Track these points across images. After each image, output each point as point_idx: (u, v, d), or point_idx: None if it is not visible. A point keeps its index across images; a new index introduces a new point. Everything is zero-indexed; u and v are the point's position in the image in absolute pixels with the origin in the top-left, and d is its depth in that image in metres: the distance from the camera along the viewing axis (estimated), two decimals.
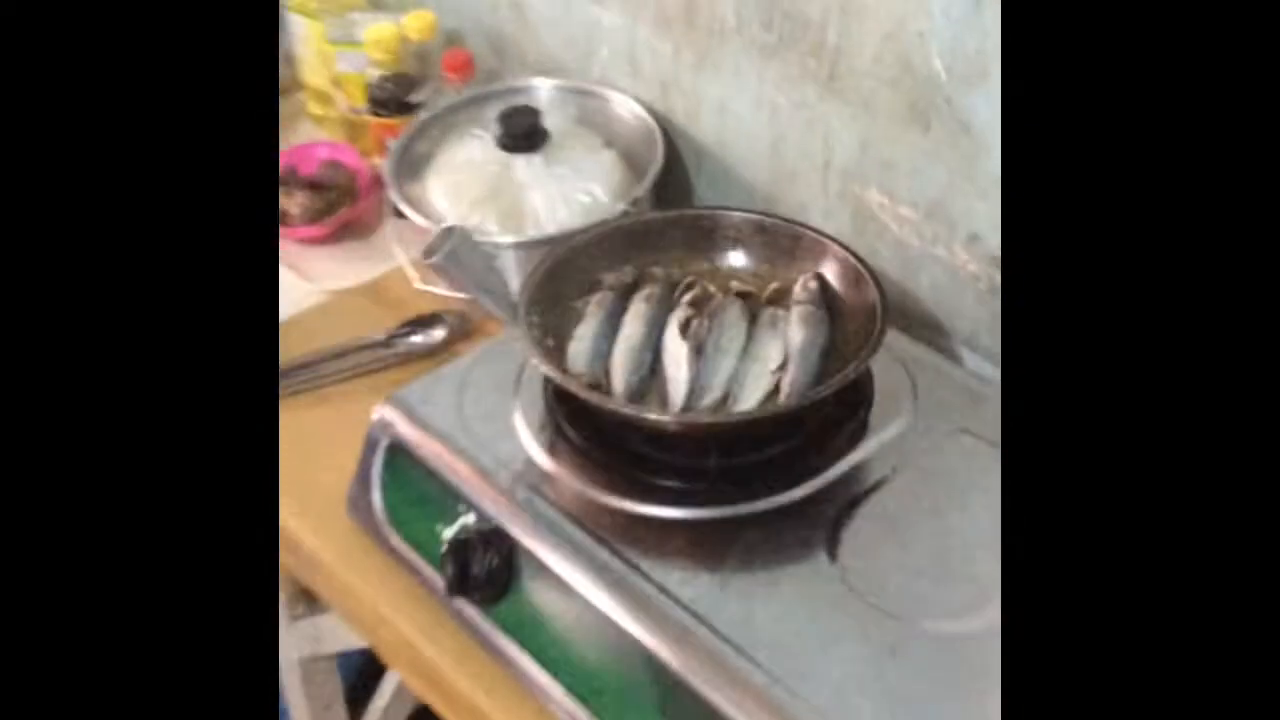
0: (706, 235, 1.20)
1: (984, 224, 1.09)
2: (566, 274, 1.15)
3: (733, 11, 1.24)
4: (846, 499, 0.99)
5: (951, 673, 0.84)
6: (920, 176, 1.13)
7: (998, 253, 1.11)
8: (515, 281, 1.12)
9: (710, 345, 1.08)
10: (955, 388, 1.11)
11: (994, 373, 1.14)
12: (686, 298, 1.14)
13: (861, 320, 1.09)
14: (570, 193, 1.30)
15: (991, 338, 1.18)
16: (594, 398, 0.98)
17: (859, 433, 1.05)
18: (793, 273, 1.16)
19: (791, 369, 1.06)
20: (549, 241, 1.16)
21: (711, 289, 1.17)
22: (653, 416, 0.97)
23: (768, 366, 1.06)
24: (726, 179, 1.34)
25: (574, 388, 0.99)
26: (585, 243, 1.17)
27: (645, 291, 1.14)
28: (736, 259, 1.19)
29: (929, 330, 1.19)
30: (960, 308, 1.16)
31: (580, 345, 1.09)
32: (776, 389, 1.05)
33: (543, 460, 1.04)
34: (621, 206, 1.26)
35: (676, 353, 1.07)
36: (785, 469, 1.01)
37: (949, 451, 1.03)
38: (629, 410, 0.97)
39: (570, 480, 1.02)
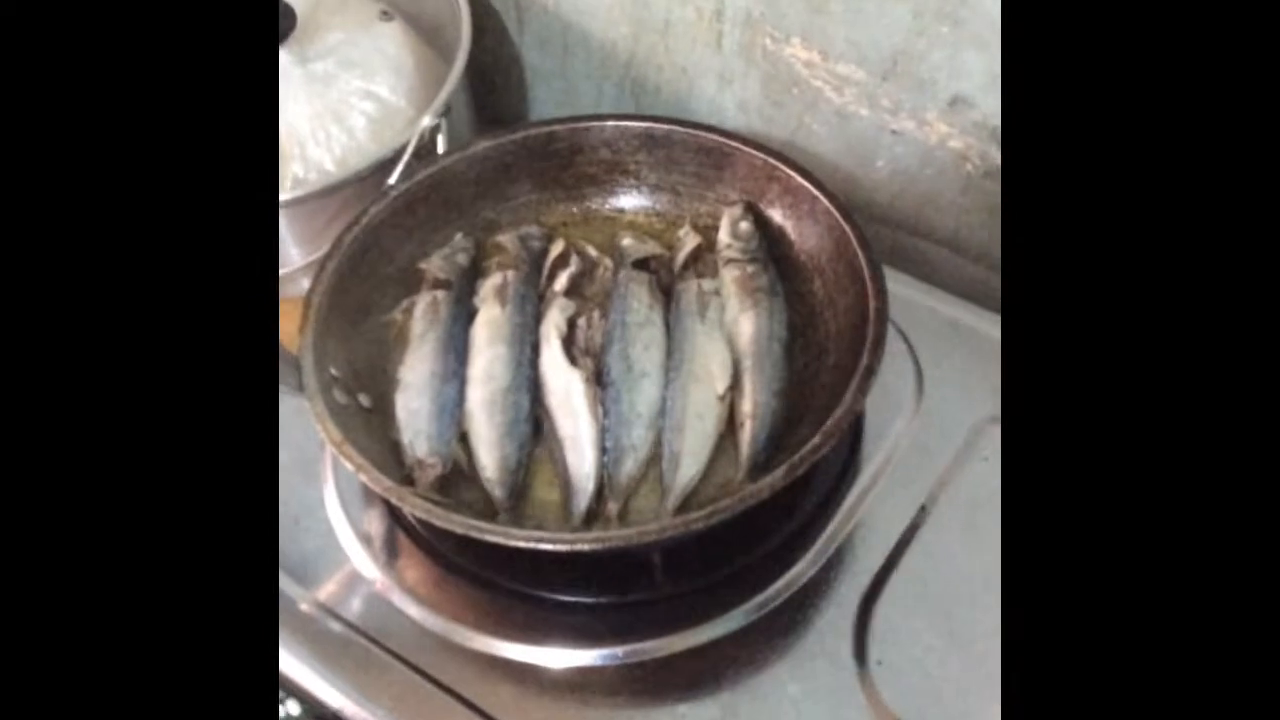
0: (565, 164, 0.79)
1: (975, 82, 0.77)
2: (366, 269, 0.73)
3: None
4: (866, 575, 0.66)
5: None
6: (867, 19, 0.78)
7: (997, 121, 0.77)
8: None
9: (615, 365, 0.69)
10: (967, 339, 0.76)
11: (999, 284, 0.84)
12: (560, 280, 0.74)
13: (824, 263, 0.72)
14: (342, 101, 0.85)
15: (988, 233, 0.84)
16: (459, 523, 0.59)
17: (850, 467, 0.70)
18: (707, 205, 0.78)
19: (748, 386, 0.68)
20: (327, 193, 0.73)
21: (592, 252, 0.77)
22: (564, 547, 0.59)
23: (713, 388, 0.69)
24: (564, 42, 0.95)
25: (410, 507, 0.60)
26: (385, 213, 0.74)
27: (494, 280, 0.74)
28: (621, 196, 0.79)
29: (889, 229, 0.89)
30: (938, 198, 0.85)
31: (412, 403, 0.68)
32: (730, 420, 0.68)
33: (376, 579, 0.67)
34: (428, 120, 0.82)
35: (566, 391, 0.68)
36: (760, 559, 0.66)
37: (993, 458, 0.70)
38: (522, 541, 0.59)
39: (423, 612, 0.65)
